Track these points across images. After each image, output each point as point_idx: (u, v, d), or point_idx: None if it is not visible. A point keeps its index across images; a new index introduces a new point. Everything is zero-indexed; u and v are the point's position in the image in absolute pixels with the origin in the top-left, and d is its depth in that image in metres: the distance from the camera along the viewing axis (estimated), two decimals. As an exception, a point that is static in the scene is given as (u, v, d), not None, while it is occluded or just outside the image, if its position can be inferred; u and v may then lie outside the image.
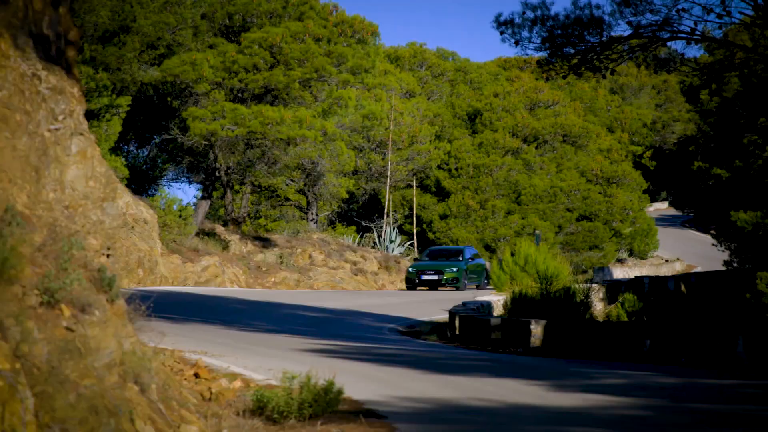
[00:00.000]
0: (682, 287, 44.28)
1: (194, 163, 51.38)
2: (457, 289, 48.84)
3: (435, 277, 48.81)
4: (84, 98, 10.87)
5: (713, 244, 49.78)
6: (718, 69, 26.27)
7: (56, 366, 8.31)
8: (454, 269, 49.00)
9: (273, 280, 47.01)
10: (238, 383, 16.89)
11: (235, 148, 47.03)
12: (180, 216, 45.34)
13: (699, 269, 58.22)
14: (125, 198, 38.08)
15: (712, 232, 52.13)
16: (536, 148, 64.40)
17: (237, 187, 53.15)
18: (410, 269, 49.34)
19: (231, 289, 43.21)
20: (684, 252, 69.78)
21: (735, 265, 40.49)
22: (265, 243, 50.09)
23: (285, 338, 25.05)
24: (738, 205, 37.53)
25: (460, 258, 50.07)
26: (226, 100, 46.38)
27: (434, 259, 50.13)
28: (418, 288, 49.03)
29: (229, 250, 47.54)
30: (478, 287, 50.52)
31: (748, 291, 34.31)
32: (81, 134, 10.86)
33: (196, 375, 16.72)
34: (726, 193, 37.91)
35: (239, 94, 47.00)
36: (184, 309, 30.06)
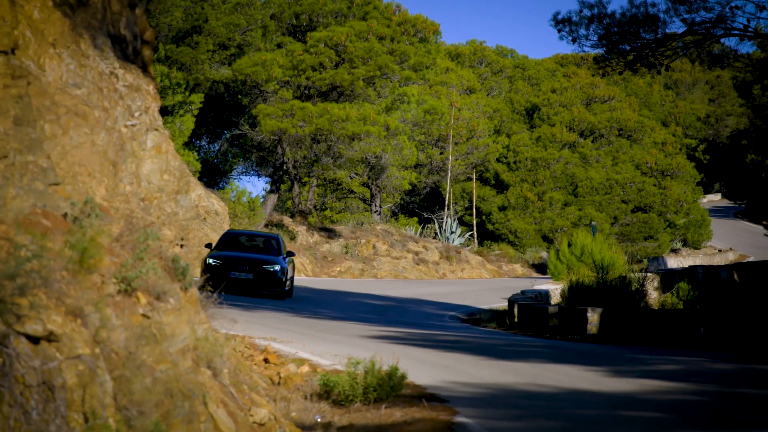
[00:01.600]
0: (735, 276, 43.93)
1: (263, 158, 51.57)
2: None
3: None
4: (159, 95, 10.94)
5: (765, 235, 49.39)
6: (770, 64, 26.01)
7: (133, 351, 8.37)
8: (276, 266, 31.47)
9: (338, 269, 47.10)
10: (305, 368, 16.95)
11: (302, 143, 47.17)
12: (249, 208, 45.54)
13: (751, 259, 57.73)
14: (197, 191, 38.28)
15: (764, 222, 51.70)
16: (592, 141, 64.07)
17: (304, 179, 53.29)
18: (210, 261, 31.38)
19: (298, 277, 43.35)
20: (737, 242, 69.21)
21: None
22: (331, 234, 50.19)
23: (350, 325, 25.12)
24: (789, 197, 37.17)
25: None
26: (293, 98, 46.52)
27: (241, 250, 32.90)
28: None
29: (297, 240, 47.69)
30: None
31: (799, 280, 33.98)
32: (156, 130, 10.93)
33: (266, 360, 16.80)
34: (778, 185, 37.55)
35: (306, 91, 47.12)
36: (253, 298, 30.22)
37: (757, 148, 38.47)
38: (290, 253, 32.95)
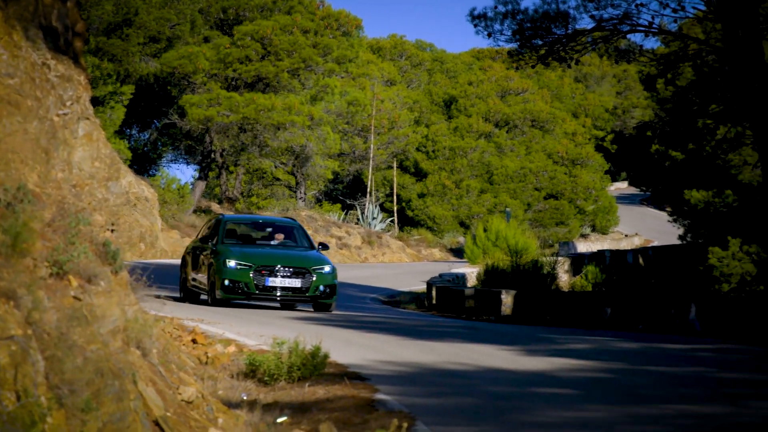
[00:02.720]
0: (641, 260, 44.39)
1: (191, 146, 51.28)
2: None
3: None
4: (90, 86, 10.83)
5: (669, 221, 49.92)
6: (674, 60, 26.29)
7: (65, 332, 8.29)
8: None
9: (264, 253, 46.94)
10: (232, 348, 16.90)
11: (229, 132, 46.98)
12: (179, 194, 45.27)
13: (656, 243, 58.35)
14: (128, 178, 37.97)
15: (667, 209, 52.27)
16: (507, 132, 64.40)
17: (231, 167, 53.07)
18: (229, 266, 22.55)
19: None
20: (642, 228, 69.94)
21: (689, 239, 40.60)
22: (257, 219, 50.00)
23: (275, 307, 25.07)
24: (691, 185, 37.62)
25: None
26: (221, 89, 46.32)
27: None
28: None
29: (224, 226, 47.40)
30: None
31: (701, 264, 34.40)
32: (87, 119, 10.83)
33: (194, 341, 16.73)
34: (681, 174, 37.98)
35: (233, 83, 46.91)
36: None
37: (661, 139, 38.86)
38: (323, 246, 23.55)
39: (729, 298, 28.47)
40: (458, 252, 55.98)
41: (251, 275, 21.83)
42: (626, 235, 67.41)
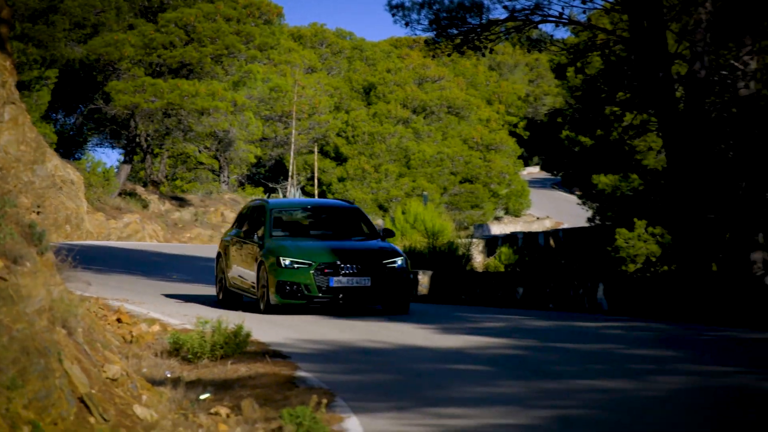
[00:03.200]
0: (551, 242, 44.75)
1: (117, 131, 50.77)
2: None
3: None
4: (15, 71, 10.68)
5: (578, 204, 50.38)
6: (583, 49, 26.50)
7: (-9, 312, 8.19)
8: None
9: (188, 235, 46.69)
10: (156, 327, 16.78)
11: (154, 117, 46.61)
12: (104, 178, 44.85)
13: (566, 226, 58.83)
14: (54, 161, 37.51)
15: (577, 192, 52.71)
16: (424, 118, 64.54)
17: (156, 151, 52.65)
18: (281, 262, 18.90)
19: (150, 243, 42.85)
20: (553, 210, 70.49)
21: (597, 222, 40.99)
22: (182, 202, 49.71)
23: (198, 287, 24.92)
24: (600, 169, 37.99)
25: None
26: (145, 75, 45.92)
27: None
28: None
29: (149, 208, 47.12)
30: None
31: (608, 245, 34.76)
32: (13, 103, 10.68)
33: (119, 320, 16.59)
34: (589, 159, 38.33)
35: (157, 69, 46.52)
36: (107, 261, 29.76)
37: (571, 125, 39.18)
38: (387, 232, 19.50)
39: (635, 277, 28.80)
40: (377, 234, 56.07)
41: (312, 275, 17.82)
42: (538, 218, 67.91)
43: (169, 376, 13.72)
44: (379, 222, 57.43)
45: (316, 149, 60.32)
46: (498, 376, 12.97)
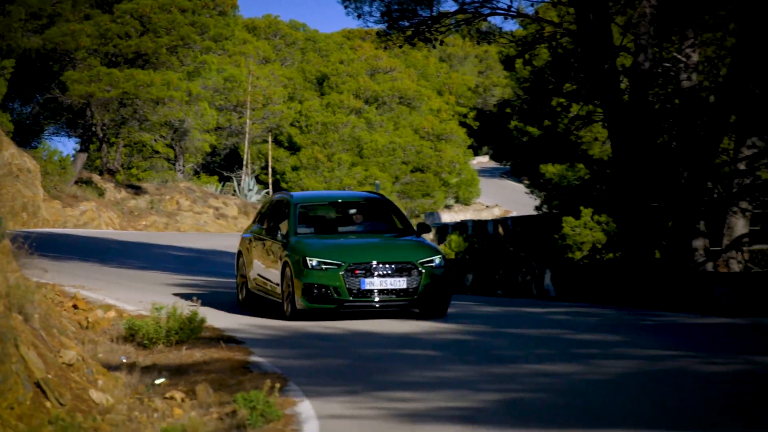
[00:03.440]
0: (500, 229, 44.91)
1: (73, 120, 50.38)
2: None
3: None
4: (-29, 60, 10.59)
5: (526, 192, 50.58)
6: (531, 41, 26.58)
7: (-53, 299, 8.13)
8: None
9: (144, 223, 46.47)
10: (112, 313, 16.70)
11: (109, 107, 46.32)
12: (60, 166, 44.53)
13: (514, 214, 59.05)
14: (10, 149, 37.19)
15: (525, 181, 52.90)
16: (376, 108, 64.54)
17: (112, 140, 52.32)
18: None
19: (106, 231, 42.61)
20: (502, 199, 70.73)
21: (544, 210, 41.18)
22: (137, 190, 49.45)
23: (155, 274, 24.82)
24: (547, 159, 38.16)
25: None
26: (101, 65, 45.62)
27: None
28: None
29: (105, 196, 46.85)
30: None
31: (555, 233, 34.96)
32: (-31, 92, 10.60)
33: (75, 306, 16.50)
34: (537, 149, 38.49)
35: (113, 59, 46.22)
36: (64, 249, 29.54)
37: (520, 116, 39.32)
38: (423, 227, 17.30)
39: (581, 264, 28.97)
40: (330, 222, 56.01)
41: (342, 277, 15.75)
42: (487, 206, 68.14)
43: (124, 361, 13.67)
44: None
45: (270, 139, 60.15)
46: (447, 361, 13.02)
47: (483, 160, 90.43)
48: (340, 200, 17.96)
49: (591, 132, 33.90)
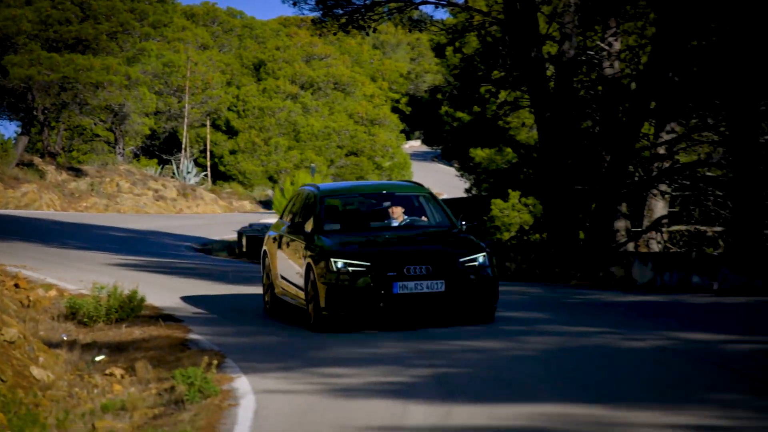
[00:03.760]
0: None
1: (14, 103, 49.75)
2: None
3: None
4: None
5: (457, 176, 50.72)
6: (461, 29, 26.65)
7: None
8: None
9: (85, 205, 46.06)
10: (53, 292, 16.57)
11: (50, 91, 45.81)
12: (1, 149, 43.96)
13: (445, 196, 59.20)
14: (-48, 133, 36.59)
15: (455, 165, 53.06)
16: (312, 93, 64.38)
17: (53, 124, 51.74)
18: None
19: (48, 212, 42.18)
20: (433, 182, 70.77)
21: (474, 192, 41.36)
22: (78, 173, 48.97)
23: (95, 254, 24.64)
24: (476, 144, 38.27)
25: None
26: (42, 49, 45.07)
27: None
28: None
29: (46, 178, 46.34)
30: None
31: (484, 214, 35.10)
32: None
33: (16, 285, 16.34)
34: (467, 134, 38.59)
35: (54, 44, 45.67)
36: (5, 230, 29.22)
37: (450, 102, 39.40)
38: (468, 221, 15.06)
39: (509, 245, 29.15)
40: (267, 204, 55.87)
41: (371, 279, 13.26)
42: (419, 189, 68.18)
43: (65, 338, 13.58)
44: (269, 192, 57.28)
45: (208, 123, 59.82)
46: (379, 338, 13.06)
47: (415, 144, 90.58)
48: (372, 192, 15.54)
49: (518, 117, 34.07)
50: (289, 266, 14.75)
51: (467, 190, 43.35)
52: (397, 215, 14.73)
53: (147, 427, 9.44)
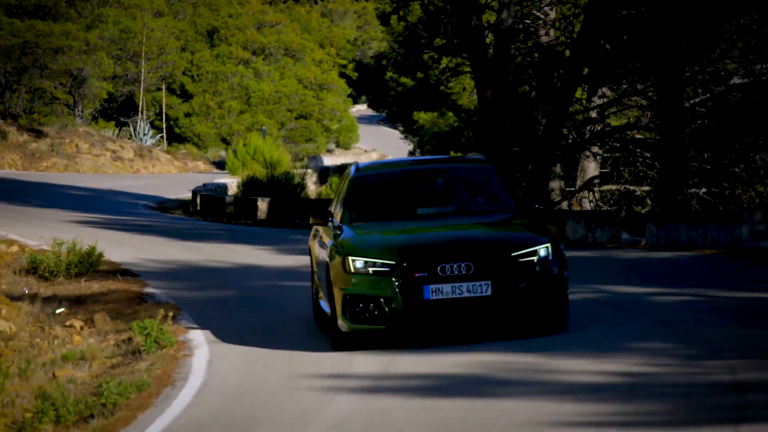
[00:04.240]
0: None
1: (-24, 67, 49.02)
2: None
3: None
4: None
5: (401, 138, 50.78)
6: (405, -1, 26.54)
7: None
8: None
9: (45, 165, 45.59)
10: (14, 248, 16.40)
11: (11, 55, 45.24)
12: (-36, 111, 43.35)
13: (390, 157, 59.26)
14: None
15: (400, 128, 53.07)
16: (263, 59, 64.00)
17: (14, 87, 51.07)
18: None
19: (9, 171, 41.70)
20: (379, 144, 70.89)
21: (417, 154, 41.42)
22: (39, 134, 48.42)
23: (56, 212, 24.41)
24: (420, 108, 38.30)
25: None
26: (4, 15, 44.42)
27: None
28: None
29: (8, 139, 45.79)
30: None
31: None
32: None
33: (-21, 242, 16.16)
34: (411, 98, 38.57)
35: (15, 10, 45.03)
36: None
37: (395, 68, 39.35)
38: (538, 203, 11.09)
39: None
40: (221, 165, 55.56)
41: (395, 283, 9.70)
42: (365, 151, 68.24)
43: (26, 292, 13.47)
44: (222, 154, 56.97)
45: (164, 87, 59.32)
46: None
47: (361, 108, 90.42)
48: (422, 168, 11.64)
49: (459, 83, 34.08)
50: (317, 266, 11.23)
51: (411, 152, 43.41)
52: (452, 198, 10.99)
53: (105, 376, 9.39)
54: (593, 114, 23.89)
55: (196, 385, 8.55)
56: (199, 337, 10.57)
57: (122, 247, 17.56)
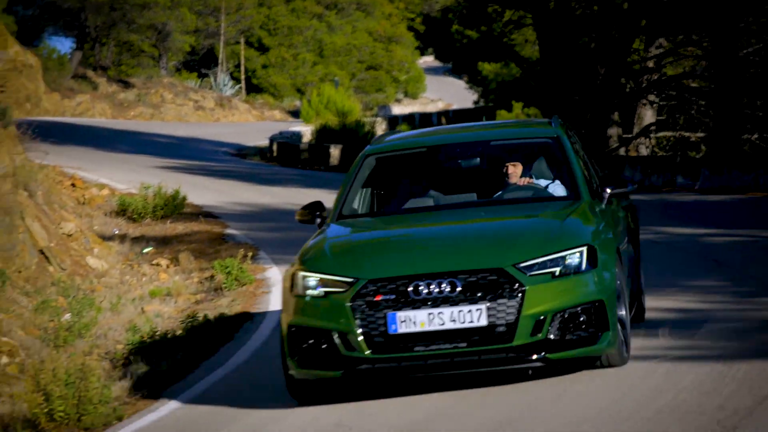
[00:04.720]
0: (443, 120, 44.87)
1: (70, 21, 49.49)
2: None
3: None
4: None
5: (466, 88, 50.44)
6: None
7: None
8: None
9: (132, 114, 46.07)
10: (105, 191, 16.63)
11: (101, 10, 45.67)
12: (59, 63, 43.89)
13: (455, 107, 58.96)
14: (15, 48, 36.45)
15: (465, 79, 52.70)
16: (336, 13, 63.86)
17: (104, 40, 51.53)
18: None
19: (100, 120, 42.19)
20: (445, 94, 70.53)
21: (481, 104, 41.15)
22: (126, 85, 48.87)
23: (142, 158, 24.66)
24: (484, 59, 37.96)
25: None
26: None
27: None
28: None
29: (98, 90, 46.31)
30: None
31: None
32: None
33: (73, 185, 16.40)
34: (475, 50, 38.24)
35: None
36: (63, 135, 29.20)
37: (460, 21, 39.02)
38: (615, 183, 7.24)
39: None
40: (296, 114, 55.72)
41: (350, 310, 6.47)
42: (432, 100, 67.97)
43: (116, 232, 13.66)
44: (297, 103, 57.11)
45: (242, 40, 59.51)
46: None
47: (428, 60, 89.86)
48: (454, 144, 7.96)
49: (522, 35, 33.69)
50: None
51: (475, 102, 43.14)
52: (515, 174, 7.45)
53: (190, 311, 9.51)
54: (650, 64, 23.52)
55: (274, 320, 8.62)
56: (276, 275, 10.65)
57: (204, 191, 17.72)
